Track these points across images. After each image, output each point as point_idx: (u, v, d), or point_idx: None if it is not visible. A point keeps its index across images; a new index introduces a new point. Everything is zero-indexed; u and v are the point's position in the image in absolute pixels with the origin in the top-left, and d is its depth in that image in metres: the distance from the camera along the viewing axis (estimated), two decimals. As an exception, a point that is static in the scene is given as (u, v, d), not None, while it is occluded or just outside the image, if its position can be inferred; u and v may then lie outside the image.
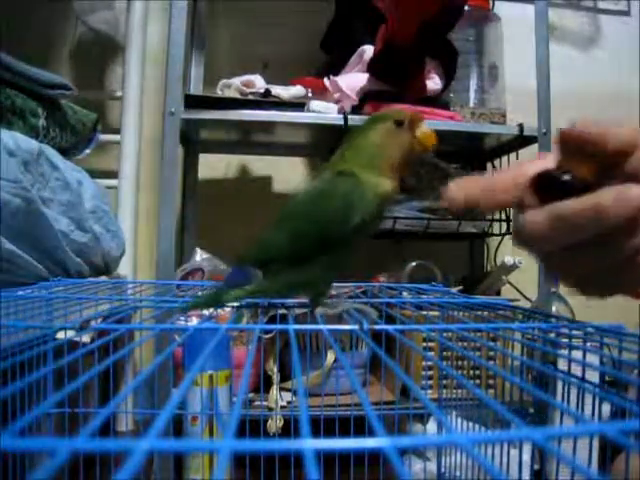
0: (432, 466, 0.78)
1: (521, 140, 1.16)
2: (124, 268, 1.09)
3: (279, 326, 0.64)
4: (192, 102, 1.06)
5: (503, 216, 1.20)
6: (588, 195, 0.28)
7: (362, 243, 0.43)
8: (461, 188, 0.33)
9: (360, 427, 0.35)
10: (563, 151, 0.30)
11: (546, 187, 0.30)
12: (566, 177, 0.29)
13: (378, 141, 0.43)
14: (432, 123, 1.10)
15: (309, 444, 0.15)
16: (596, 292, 0.33)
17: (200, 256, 1.18)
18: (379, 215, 0.44)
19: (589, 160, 0.29)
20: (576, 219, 0.28)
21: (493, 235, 1.29)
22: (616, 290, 0.34)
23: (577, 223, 0.28)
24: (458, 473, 0.67)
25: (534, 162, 0.33)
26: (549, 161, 0.32)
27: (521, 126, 1.15)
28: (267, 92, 1.11)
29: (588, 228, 0.28)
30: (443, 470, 0.70)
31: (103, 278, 0.88)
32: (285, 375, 1.03)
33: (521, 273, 1.18)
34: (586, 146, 0.29)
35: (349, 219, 0.40)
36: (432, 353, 1.01)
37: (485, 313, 0.51)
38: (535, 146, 1.16)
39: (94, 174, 0.96)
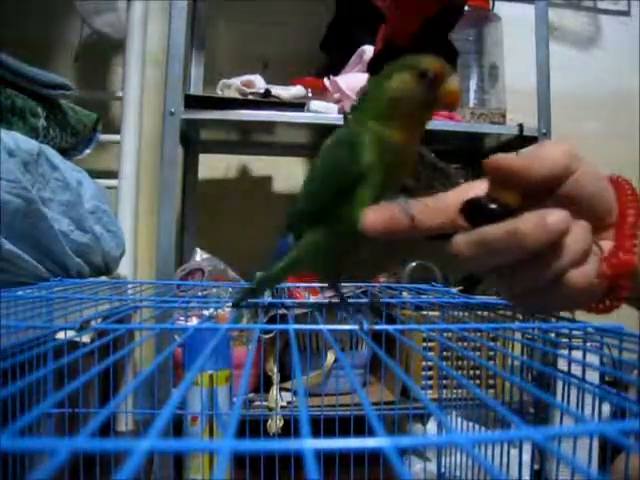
0: (432, 466, 0.78)
1: (521, 140, 1.16)
2: (124, 268, 1.09)
3: (279, 326, 0.64)
4: (192, 102, 1.06)
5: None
6: (510, 221, 0.29)
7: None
8: (378, 214, 0.34)
9: (360, 427, 0.35)
10: (491, 180, 0.32)
11: (474, 213, 0.31)
12: (492, 205, 0.31)
13: (395, 93, 0.38)
14: (432, 123, 1.10)
15: (309, 444, 0.15)
16: (532, 309, 0.34)
17: (200, 256, 1.18)
18: (391, 165, 0.38)
19: (516, 188, 0.31)
20: (496, 244, 0.29)
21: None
22: (548, 309, 0.35)
23: (497, 248, 0.29)
24: (458, 473, 0.67)
25: (472, 187, 0.34)
26: (485, 186, 0.33)
27: (521, 126, 1.15)
28: (267, 92, 1.11)
29: (508, 253, 0.29)
30: (443, 470, 0.70)
31: (103, 278, 0.88)
32: (285, 375, 1.03)
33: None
34: (511, 177, 0.31)
35: (354, 164, 0.37)
36: (432, 353, 1.01)
37: (485, 313, 0.51)
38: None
39: (94, 174, 0.96)
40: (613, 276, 0.32)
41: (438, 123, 1.11)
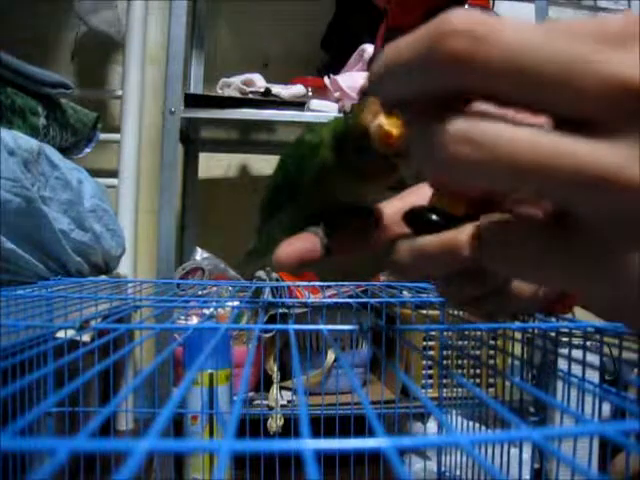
0: (432, 465, 0.78)
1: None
2: (124, 267, 1.09)
3: (279, 326, 0.64)
4: (192, 101, 1.06)
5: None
6: (449, 232, 0.29)
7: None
8: (292, 247, 0.33)
9: (361, 426, 0.35)
10: (435, 189, 0.31)
11: (416, 222, 0.30)
12: (432, 216, 0.30)
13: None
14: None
15: (309, 444, 0.15)
16: (479, 317, 0.34)
17: (200, 255, 1.18)
18: (350, 148, 0.32)
19: (461, 197, 0.30)
20: (435, 254, 0.29)
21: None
22: (495, 317, 0.35)
23: (435, 258, 0.29)
24: (458, 472, 0.67)
25: (417, 191, 0.34)
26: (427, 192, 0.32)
27: (521, 125, 1.15)
28: (267, 91, 1.11)
29: (446, 263, 0.29)
30: (443, 469, 0.70)
31: (103, 277, 0.88)
32: (285, 374, 1.03)
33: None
34: (455, 190, 0.30)
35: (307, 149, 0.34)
36: (432, 352, 1.01)
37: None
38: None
39: (94, 173, 0.96)
40: None
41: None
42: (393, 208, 0.34)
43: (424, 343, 1.02)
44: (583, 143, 0.18)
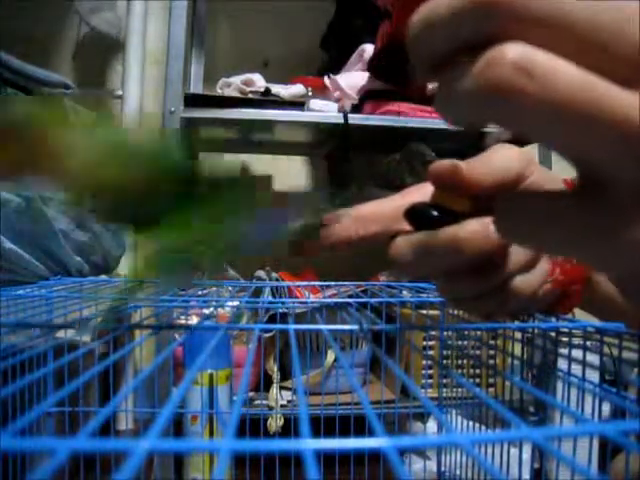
0: (432, 465, 0.78)
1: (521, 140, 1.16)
2: (124, 267, 1.09)
3: (279, 325, 0.64)
4: (192, 101, 1.06)
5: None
6: (451, 227, 0.29)
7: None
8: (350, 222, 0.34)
9: (361, 426, 0.35)
10: (437, 186, 0.30)
11: (417, 218, 0.30)
12: (434, 212, 0.30)
13: None
14: (432, 122, 1.10)
15: (309, 444, 0.15)
16: (479, 317, 0.34)
17: (200, 255, 1.17)
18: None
19: (464, 194, 0.30)
20: (435, 250, 0.29)
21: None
22: (496, 315, 0.35)
23: (436, 253, 0.29)
24: (458, 472, 0.67)
25: (420, 189, 0.34)
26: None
27: (521, 125, 1.14)
28: (267, 91, 1.11)
29: (446, 259, 0.29)
30: (443, 469, 0.70)
31: (103, 277, 0.88)
32: (285, 374, 1.03)
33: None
34: (456, 186, 0.29)
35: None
36: (432, 352, 1.01)
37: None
38: (534, 146, 1.16)
39: (94, 173, 0.96)
40: (566, 282, 0.33)
41: (438, 122, 1.10)
42: (394, 205, 0.34)
43: (424, 343, 1.02)
44: (631, 95, 0.16)
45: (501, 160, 0.31)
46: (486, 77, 0.17)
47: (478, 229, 0.28)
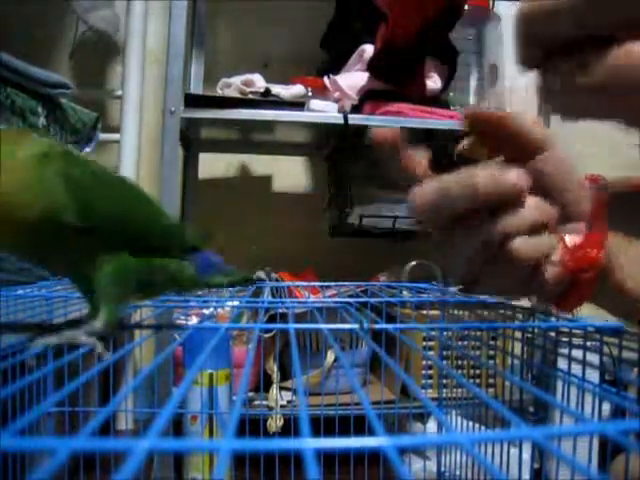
0: (432, 465, 0.78)
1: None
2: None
3: (279, 325, 0.64)
4: (192, 101, 1.06)
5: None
6: (468, 168, 0.31)
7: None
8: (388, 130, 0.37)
9: (360, 426, 0.35)
10: (469, 127, 0.33)
11: (440, 164, 0.33)
12: (456, 152, 0.33)
13: None
14: (432, 122, 1.10)
15: (309, 444, 0.15)
16: (482, 288, 0.34)
17: (200, 255, 1.17)
18: None
19: (491, 142, 0.32)
20: (451, 189, 0.30)
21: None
22: (501, 290, 0.36)
23: (452, 193, 0.30)
24: (458, 472, 0.67)
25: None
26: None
27: (521, 125, 1.14)
28: (267, 91, 1.11)
29: (461, 200, 0.30)
30: (443, 469, 0.70)
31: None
32: (285, 374, 1.03)
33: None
34: (488, 124, 0.32)
35: None
36: (432, 352, 1.01)
37: (485, 312, 0.51)
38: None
39: (94, 173, 0.96)
40: (576, 269, 0.32)
41: (438, 123, 1.10)
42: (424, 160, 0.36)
43: (424, 343, 1.02)
44: None
45: (531, 119, 0.33)
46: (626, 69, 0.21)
47: (494, 173, 0.29)
